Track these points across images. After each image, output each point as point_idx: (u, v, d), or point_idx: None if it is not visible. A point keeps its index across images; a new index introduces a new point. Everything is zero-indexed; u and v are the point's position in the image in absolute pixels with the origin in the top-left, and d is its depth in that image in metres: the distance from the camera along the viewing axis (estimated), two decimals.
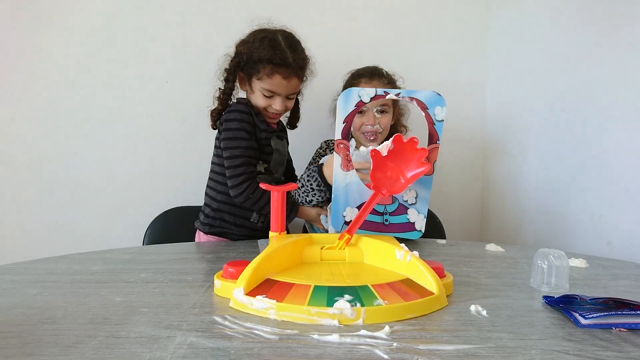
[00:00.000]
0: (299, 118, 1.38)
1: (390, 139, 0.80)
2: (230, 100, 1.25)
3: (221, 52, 1.24)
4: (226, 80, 1.22)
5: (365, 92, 0.83)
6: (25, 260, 0.89)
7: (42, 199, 1.55)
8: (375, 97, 0.83)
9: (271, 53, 1.14)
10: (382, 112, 1.30)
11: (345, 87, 1.39)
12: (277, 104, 1.19)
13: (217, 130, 1.24)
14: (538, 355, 0.51)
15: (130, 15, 1.56)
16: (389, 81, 1.37)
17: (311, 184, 1.19)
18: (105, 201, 1.59)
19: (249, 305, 0.63)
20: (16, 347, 0.51)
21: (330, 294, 0.64)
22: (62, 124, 1.55)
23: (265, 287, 0.67)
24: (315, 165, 1.23)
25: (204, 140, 1.21)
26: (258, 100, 1.20)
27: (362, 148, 1.14)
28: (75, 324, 0.57)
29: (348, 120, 0.83)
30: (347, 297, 0.62)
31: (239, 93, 1.27)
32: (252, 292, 0.65)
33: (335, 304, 0.60)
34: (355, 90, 0.83)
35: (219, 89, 1.24)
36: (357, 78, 1.37)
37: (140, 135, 1.60)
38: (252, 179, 1.16)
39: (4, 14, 1.49)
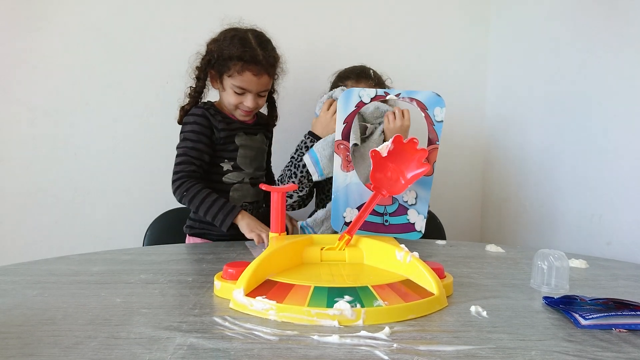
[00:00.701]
0: (276, 117, 1.38)
1: (390, 140, 0.80)
2: (201, 98, 1.27)
3: None
4: (197, 78, 1.25)
5: (366, 93, 0.83)
6: (25, 261, 0.89)
7: (42, 199, 1.55)
8: (375, 98, 0.83)
9: (241, 50, 1.15)
10: None
11: (331, 88, 1.38)
12: (248, 101, 1.20)
13: None
14: (538, 356, 0.51)
15: (131, 15, 1.56)
16: (377, 82, 1.35)
17: (305, 144, 1.24)
18: (105, 202, 1.59)
19: (249, 306, 0.63)
20: (16, 347, 0.51)
21: (330, 295, 0.64)
22: (62, 124, 1.55)
23: (265, 288, 0.67)
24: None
25: None
26: (229, 97, 1.21)
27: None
28: (75, 324, 0.58)
29: (348, 121, 0.83)
30: (347, 297, 0.62)
31: (210, 91, 1.28)
32: (252, 293, 0.65)
33: (335, 305, 0.60)
34: (355, 91, 0.83)
35: (190, 87, 1.26)
36: (343, 80, 1.36)
37: (140, 136, 1.60)
38: (187, 178, 1.17)
39: (3, 14, 1.49)
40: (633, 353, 0.52)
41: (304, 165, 1.26)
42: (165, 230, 1.40)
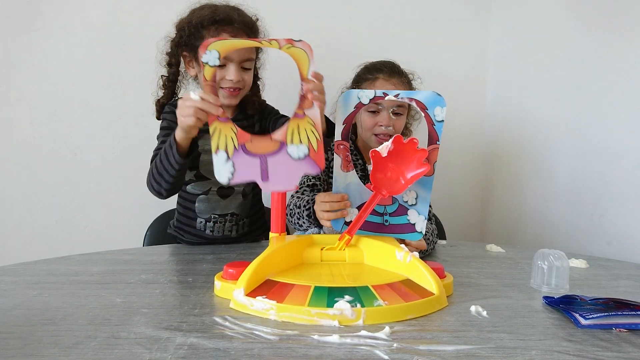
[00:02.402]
0: (257, 102, 1.18)
1: (390, 140, 0.80)
2: (177, 87, 1.13)
3: None
4: (169, 64, 1.11)
5: (365, 94, 0.83)
6: (26, 261, 0.89)
7: (42, 199, 1.55)
8: (374, 99, 0.83)
9: (212, 12, 1.02)
10: (397, 113, 1.15)
11: (356, 80, 1.25)
12: (231, 73, 1.01)
13: None
14: (538, 356, 0.51)
15: (130, 14, 1.56)
16: (408, 80, 1.24)
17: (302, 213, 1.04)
18: (105, 202, 1.59)
19: (249, 306, 0.63)
20: (16, 347, 0.51)
21: (330, 295, 0.64)
22: (62, 124, 1.55)
23: (266, 288, 0.67)
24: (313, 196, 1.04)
25: None
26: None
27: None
28: (76, 324, 0.58)
29: (347, 121, 0.83)
30: (347, 297, 0.63)
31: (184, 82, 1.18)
32: (253, 293, 0.65)
33: (336, 305, 0.60)
34: (354, 92, 0.83)
35: (162, 76, 1.12)
36: (373, 72, 1.21)
37: (140, 135, 1.59)
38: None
39: (3, 14, 1.49)
40: (633, 353, 0.52)
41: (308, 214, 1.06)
42: (165, 230, 1.40)
